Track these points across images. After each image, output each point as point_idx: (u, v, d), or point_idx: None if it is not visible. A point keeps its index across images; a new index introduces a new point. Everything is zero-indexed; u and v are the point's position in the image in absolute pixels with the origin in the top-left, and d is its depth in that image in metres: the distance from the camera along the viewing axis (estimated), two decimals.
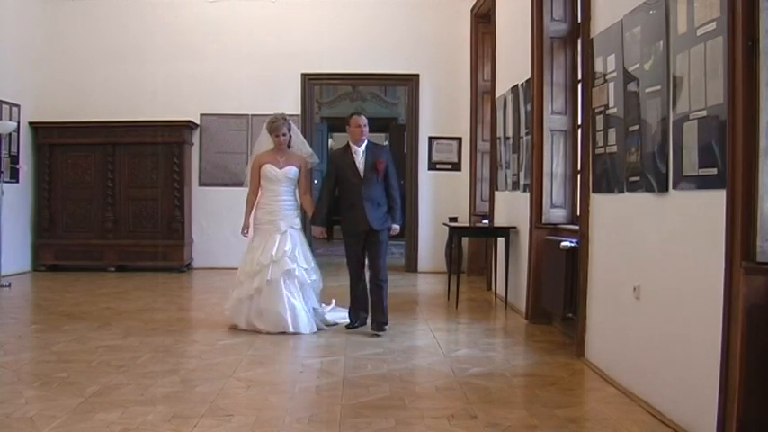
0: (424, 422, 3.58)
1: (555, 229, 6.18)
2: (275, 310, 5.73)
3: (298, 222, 6.03)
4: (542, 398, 4.05)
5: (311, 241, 6.97)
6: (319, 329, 5.87)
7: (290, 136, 6.10)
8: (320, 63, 10.13)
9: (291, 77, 10.11)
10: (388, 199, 5.89)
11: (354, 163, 5.83)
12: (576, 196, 5.97)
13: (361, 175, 5.81)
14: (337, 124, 15.51)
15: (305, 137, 10.63)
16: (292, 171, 6.02)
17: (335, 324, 6.07)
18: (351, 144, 5.90)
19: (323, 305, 6.23)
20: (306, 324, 5.76)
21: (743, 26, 2.91)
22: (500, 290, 7.48)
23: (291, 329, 5.69)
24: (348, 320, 6.04)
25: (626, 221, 4.24)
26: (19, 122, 9.30)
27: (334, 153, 6.13)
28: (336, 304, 6.50)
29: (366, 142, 5.93)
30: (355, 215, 5.80)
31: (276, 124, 5.99)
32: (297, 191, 6.11)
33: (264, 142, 6.16)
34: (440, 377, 4.50)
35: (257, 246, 5.90)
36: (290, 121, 6.16)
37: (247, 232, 6.10)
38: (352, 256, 5.96)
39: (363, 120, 5.92)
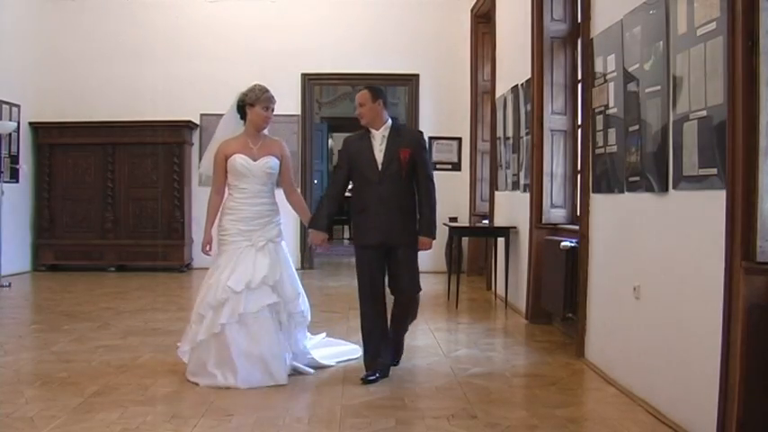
0: (424, 422, 3.58)
1: (555, 229, 6.18)
2: (252, 356, 4.21)
3: (279, 233, 4.48)
4: (542, 398, 4.05)
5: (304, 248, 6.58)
6: (300, 373, 4.45)
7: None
8: (320, 63, 10.12)
9: (291, 77, 10.10)
10: (416, 202, 4.49)
11: (372, 151, 4.40)
12: (576, 196, 5.97)
13: (379, 168, 4.39)
14: (337, 124, 15.54)
15: (305, 137, 10.88)
16: (272, 163, 4.46)
17: (328, 366, 4.66)
18: (369, 128, 4.48)
19: (309, 336, 4.78)
20: (283, 372, 4.28)
21: (743, 26, 2.91)
22: (500, 290, 7.47)
23: (272, 381, 4.20)
24: (349, 357, 4.83)
25: (626, 221, 4.24)
26: (19, 122, 9.29)
27: (348, 138, 4.62)
28: (328, 335, 5.22)
29: (390, 124, 4.47)
30: (366, 222, 4.44)
31: (267, 94, 4.44)
32: (286, 190, 4.69)
33: (230, 125, 4.66)
34: (440, 377, 4.50)
35: (225, 265, 4.31)
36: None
37: (210, 249, 4.48)
38: (364, 276, 4.46)
39: (362, 97, 4.43)
